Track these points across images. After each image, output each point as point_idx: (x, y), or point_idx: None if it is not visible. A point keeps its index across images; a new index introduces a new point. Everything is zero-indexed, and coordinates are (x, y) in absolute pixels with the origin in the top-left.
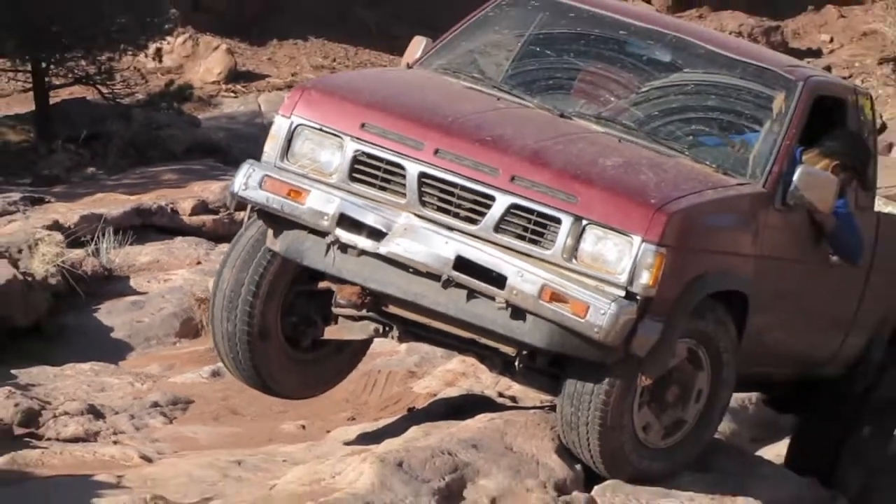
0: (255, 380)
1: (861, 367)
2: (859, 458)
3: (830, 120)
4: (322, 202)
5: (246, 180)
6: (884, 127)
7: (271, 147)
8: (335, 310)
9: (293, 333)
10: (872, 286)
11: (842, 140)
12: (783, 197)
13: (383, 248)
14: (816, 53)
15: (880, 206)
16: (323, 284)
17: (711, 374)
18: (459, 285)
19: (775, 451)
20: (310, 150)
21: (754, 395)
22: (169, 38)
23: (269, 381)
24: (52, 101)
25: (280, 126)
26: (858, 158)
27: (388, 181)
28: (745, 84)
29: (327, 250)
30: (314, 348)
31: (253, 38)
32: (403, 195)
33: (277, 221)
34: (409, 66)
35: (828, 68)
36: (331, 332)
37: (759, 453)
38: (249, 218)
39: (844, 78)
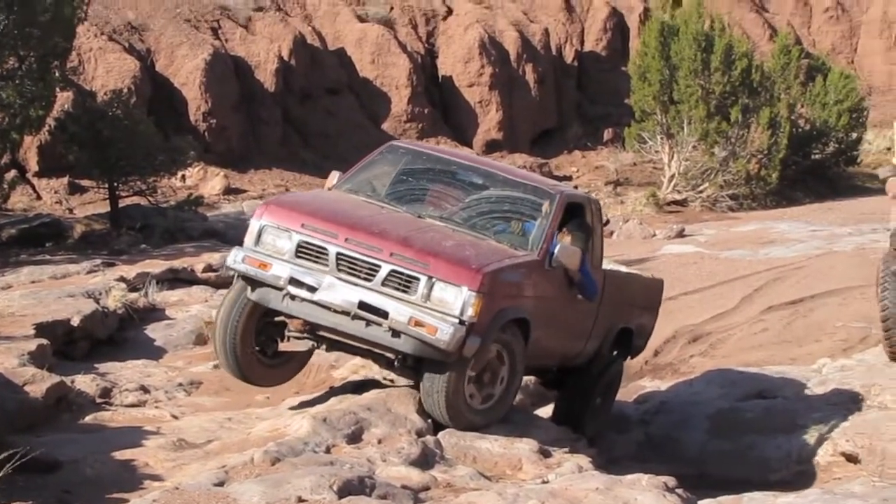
0: (239, 374)
1: (596, 360)
2: (594, 414)
3: (576, 215)
4: (279, 270)
5: (234, 258)
6: (607, 221)
7: (249, 238)
8: (288, 333)
9: (262, 346)
10: (601, 312)
11: (580, 226)
12: (549, 262)
13: (316, 296)
14: (569, 178)
15: (607, 265)
16: (280, 318)
17: (509, 366)
18: (361, 318)
19: (545, 412)
20: (271, 240)
21: (533, 378)
22: (190, 169)
23: (247, 375)
24: (120, 205)
25: (253, 226)
26: (587, 236)
27: (318, 257)
28: (526, 196)
29: (283, 298)
30: (275, 356)
31: (239, 169)
32: (327, 265)
33: (253, 282)
34: (329, 189)
35: (575, 187)
36: (285, 347)
37: (536, 413)
38: (235, 279)
39: (585, 192)
